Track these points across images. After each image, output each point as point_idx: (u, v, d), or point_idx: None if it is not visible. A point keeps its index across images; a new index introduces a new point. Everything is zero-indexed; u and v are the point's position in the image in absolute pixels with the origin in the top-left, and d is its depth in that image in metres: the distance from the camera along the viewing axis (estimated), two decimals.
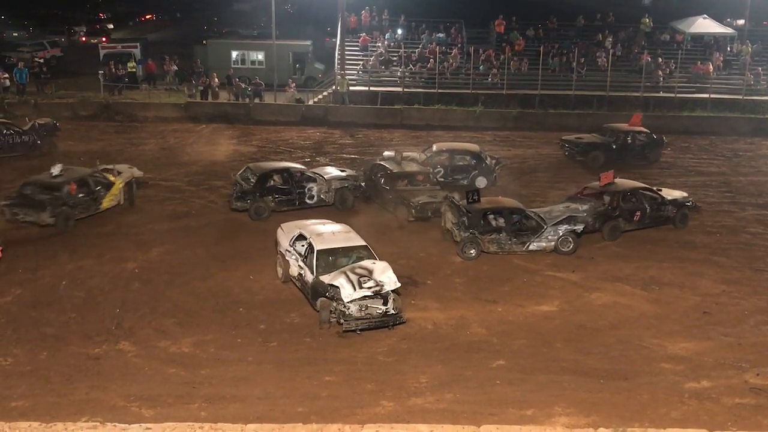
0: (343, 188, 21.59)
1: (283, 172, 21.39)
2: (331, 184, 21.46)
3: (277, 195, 20.91)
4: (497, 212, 19.07)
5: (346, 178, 21.98)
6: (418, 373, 13.12)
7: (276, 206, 20.81)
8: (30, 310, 15.14)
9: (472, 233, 18.53)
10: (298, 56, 41.58)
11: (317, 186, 21.30)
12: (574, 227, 19.08)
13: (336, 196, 21.50)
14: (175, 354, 13.62)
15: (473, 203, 18.93)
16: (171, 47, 45.96)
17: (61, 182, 19.40)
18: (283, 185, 21.10)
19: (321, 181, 21.41)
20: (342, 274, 14.55)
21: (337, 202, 21.48)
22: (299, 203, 21.12)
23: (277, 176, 21.22)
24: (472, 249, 18.53)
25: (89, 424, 10.79)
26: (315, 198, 21.27)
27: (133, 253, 18.15)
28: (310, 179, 21.37)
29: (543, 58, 36.90)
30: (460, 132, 30.56)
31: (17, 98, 34.35)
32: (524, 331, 14.95)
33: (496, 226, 18.88)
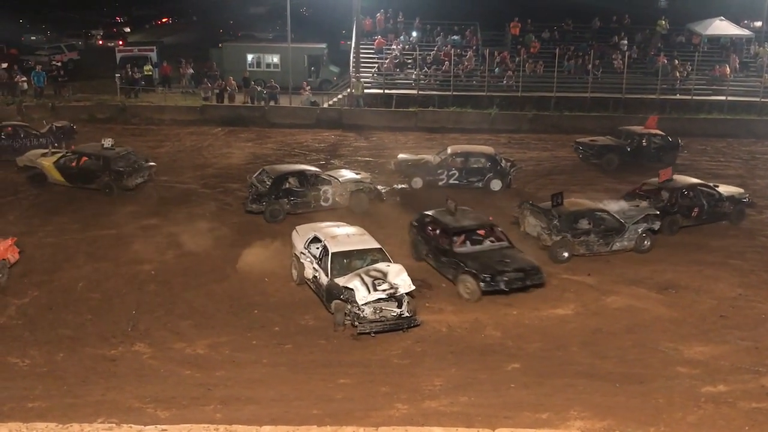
0: (357, 191, 21.54)
1: (298, 174, 21.40)
2: (345, 186, 21.44)
3: (292, 197, 20.93)
4: (586, 215, 19.17)
5: (361, 181, 21.92)
6: (432, 376, 13.10)
7: (291, 208, 20.85)
8: (47, 311, 15.27)
9: (564, 237, 18.62)
10: (313, 59, 41.68)
11: (332, 188, 21.28)
12: (652, 225, 19.39)
13: (351, 199, 21.45)
14: (191, 356, 13.69)
15: (557, 206, 19.02)
16: (187, 50, 46.22)
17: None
18: (298, 188, 21.12)
19: (336, 183, 21.39)
20: (357, 277, 14.56)
21: (352, 205, 21.40)
22: (314, 206, 21.13)
23: (292, 179, 21.23)
24: (565, 252, 18.67)
25: (105, 425, 10.85)
26: (330, 200, 21.26)
27: (149, 255, 18.25)
28: (324, 182, 21.37)
29: (558, 60, 36.75)
30: (475, 134, 30.50)
31: (35, 101, 34.67)
32: (539, 334, 14.90)
33: (585, 228, 18.97)
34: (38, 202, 21.97)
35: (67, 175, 22.63)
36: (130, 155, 23.37)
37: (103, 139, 23.42)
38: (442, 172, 23.98)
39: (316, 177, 21.44)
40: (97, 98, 35.66)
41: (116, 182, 22.26)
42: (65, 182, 22.69)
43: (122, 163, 22.66)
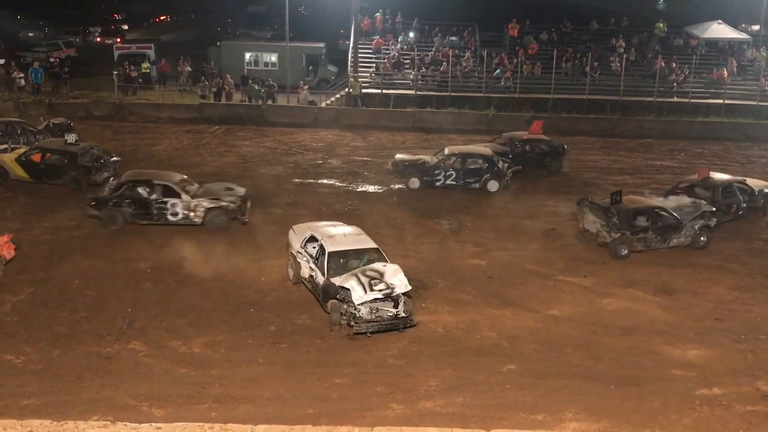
0: (213, 209, 19.59)
1: (145, 183, 19.82)
2: (199, 203, 19.61)
3: (135, 206, 19.62)
4: (644, 212, 19.33)
5: (218, 199, 19.81)
6: (428, 377, 13.10)
7: (131, 218, 19.67)
8: (42, 308, 15.22)
9: (623, 234, 18.79)
10: (312, 58, 41.72)
11: (181, 203, 19.56)
12: (708, 222, 19.69)
13: (205, 217, 19.62)
14: (186, 354, 13.66)
15: (617, 204, 19.14)
16: (185, 48, 46.13)
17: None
18: (143, 197, 19.65)
19: (185, 199, 19.59)
20: (353, 277, 14.55)
21: (206, 223, 19.63)
22: (158, 218, 19.66)
23: (141, 187, 19.77)
24: (625, 249, 18.90)
25: (100, 422, 10.84)
26: (179, 215, 19.60)
27: (144, 253, 18.22)
28: (174, 195, 19.61)
29: (556, 61, 36.86)
30: (472, 135, 30.53)
31: (32, 98, 34.62)
32: (535, 335, 14.90)
33: (644, 225, 19.14)
34: (35, 199, 21.91)
35: (32, 171, 22.48)
36: (94, 150, 23.36)
37: (67, 135, 23.47)
38: (439, 173, 23.97)
39: (166, 189, 19.67)
40: (94, 95, 35.64)
41: (84, 177, 22.21)
42: (29, 178, 22.52)
43: (88, 159, 22.69)
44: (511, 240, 20.17)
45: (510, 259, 18.88)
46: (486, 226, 21.14)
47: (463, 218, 21.70)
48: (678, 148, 31.57)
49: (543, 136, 27.52)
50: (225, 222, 19.72)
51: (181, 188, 19.80)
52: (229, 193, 20.23)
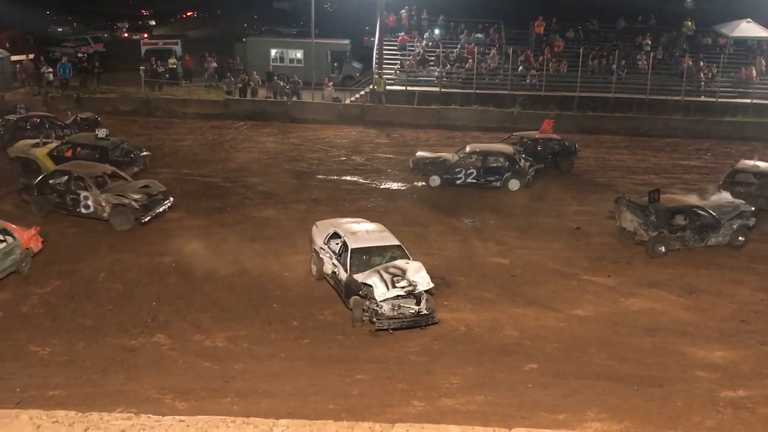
0: (118, 205, 19.23)
1: (65, 174, 19.94)
2: (107, 198, 19.31)
3: (56, 195, 19.76)
4: (682, 211, 19.34)
5: (122, 195, 19.38)
6: (449, 374, 13.10)
7: (53, 207, 19.81)
8: (69, 301, 15.42)
9: (661, 233, 18.80)
10: (337, 55, 41.76)
11: (92, 196, 19.35)
12: (747, 221, 19.66)
13: (111, 213, 19.30)
14: (209, 348, 13.77)
15: (654, 202, 19.14)
16: (211, 44, 46.40)
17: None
18: (61, 188, 19.74)
19: (94, 192, 19.36)
20: (375, 273, 14.58)
21: (111, 219, 19.32)
22: (72, 209, 19.59)
23: (61, 177, 19.92)
24: (662, 247, 18.88)
25: (124, 414, 10.94)
26: (91, 208, 19.40)
27: (169, 247, 18.37)
28: (84, 188, 19.45)
29: (582, 59, 36.61)
30: (497, 133, 30.42)
31: (60, 92, 35.01)
32: (558, 335, 14.84)
33: (682, 224, 19.14)
34: None
35: None
36: (125, 145, 23.58)
37: (98, 130, 23.69)
38: (459, 171, 23.91)
39: (81, 181, 19.55)
40: (121, 90, 35.94)
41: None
42: None
43: (118, 153, 22.90)
44: (534, 239, 20.10)
45: (533, 257, 18.81)
46: (509, 225, 21.08)
47: (485, 216, 21.65)
48: (705, 148, 31.23)
49: (554, 135, 27.37)
50: (128, 219, 19.23)
51: (95, 182, 19.59)
52: (141, 191, 19.78)
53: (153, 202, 19.74)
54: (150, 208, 19.56)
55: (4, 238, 16.01)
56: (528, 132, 27.78)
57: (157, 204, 19.87)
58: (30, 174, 21.43)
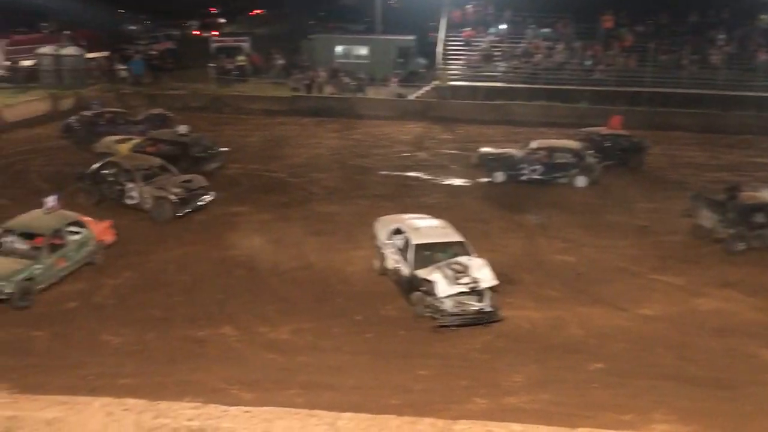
0: (160, 198, 19.79)
1: (115, 165, 20.75)
2: (149, 190, 19.94)
3: (105, 186, 20.60)
4: (762, 208, 18.93)
5: (164, 189, 19.88)
6: (512, 372, 13.00)
7: (103, 196, 20.61)
8: (139, 292, 15.84)
9: (740, 230, 18.49)
10: (402, 51, 41.78)
11: (136, 187, 20.06)
12: None
13: (153, 205, 19.90)
14: (274, 340, 13.96)
15: (733, 199, 18.86)
16: (278, 41, 46.98)
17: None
18: (111, 178, 20.53)
19: (139, 184, 20.05)
20: (438, 270, 14.55)
21: (152, 212, 19.87)
22: (119, 199, 20.31)
23: (111, 168, 20.71)
24: (740, 244, 18.52)
25: (191, 404, 11.21)
26: (135, 199, 20.07)
27: (237, 241, 18.69)
28: (130, 179, 20.20)
29: (652, 54, 35.75)
30: (563, 129, 29.98)
31: (133, 89, 35.99)
32: (624, 334, 14.56)
33: (761, 221, 18.72)
34: None
35: None
36: (204, 141, 24.05)
37: (178, 126, 24.18)
38: (525, 167, 23.64)
39: (127, 172, 20.32)
40: (191, 87, 36.73)
41: (195, 167, 22.71)
42: None
43: (198, 149, 23.35)
44: (601, 236, 19.76)
45: (600, 255, 18.50)
46: (575, 222, 20.77)
47: (551, 213, 21.37)
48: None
49: (623, 131, 26.76)
50: (166, 212, 19.70)
51: (141, 175, 20.19)
52: (182, 185, 20.17)
53: (192, 196, 20.21)
54: (188, 203, 20.02)
55: (78, 230, 16.55)
56: (596, 128, 27.26)
57: (196, 198, 20.32)
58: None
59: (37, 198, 18.38)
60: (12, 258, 15.20)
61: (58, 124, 28.92)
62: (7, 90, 34.81)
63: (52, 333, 13.94)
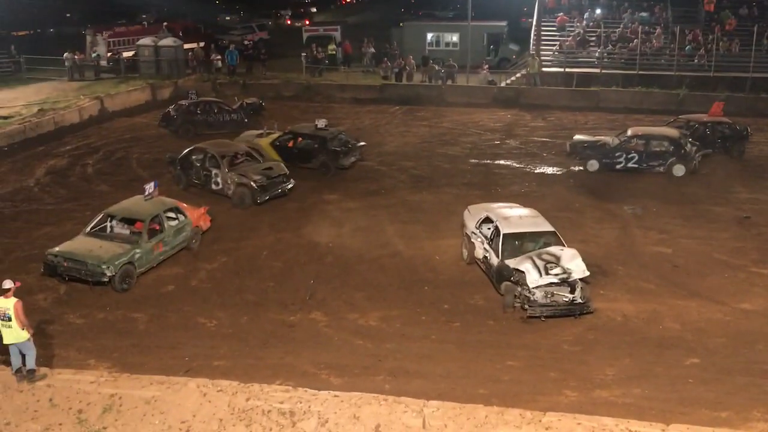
0: (241, 185, 20.12)
1: (200, 152, 21.28)
2: (232, 177, 20.26)
3: (193, 171, 21.15)
4: None
5: (245, 176, 20.23)
6: (604, 365, 12.74)
7: (189, 181, 21.29)
8: (233, 277, 16.28)
9: None
10: (493, 37, 41.35)
11: (221, 174, 20.47)
12: None
13: (234, 192, 20.26)
14: (363, 327, 14.12)
15: None
16: (369, 30, 47.19)
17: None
18: (198, 164, 21.07)
19: (223, 171, 20.44)
20: (528, 259, 14.38)
21: (233, 199, 20.28)
22: (205, 185, 20.90)
23: (195, 156, 21.25)
24: None
25: (282, 387, 11.54)
26: (220, 185, 20.53)
27: (327, 228, 18.95)
28: (217, 166, 20.62)
29: (757, 38, 34.12)
30: (661, 116, 29.02)
31: (227, 79, 36.89)
32: (722, 329, 14.04)
33: None
34: None
35: (285, 154, 23.12)
36: (342, 135, 23.93)
37: (317, 120, 24.09)
38: (620, 155, 23.04)
39: (213, 159, 20.78)
40: (284, 76, 37.36)
41: (333, 161, 22.91)
42: (282, 161, 23.15)
43: (337, 143, 23.34)
44: (699, 227, 19.09)
45: (698, 247, 17.87)
46: (672, 212, 20.11)
47: (647, 203, 20.76)
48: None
49: (724, 118, 25.69)
50: (247, 199, 20.08)
51: (227, 162, 20.64)
52: (263, 173, 20.53)
53: (272, 183, 20.53)
54: (268, 190, 20.37)
55: (176, 216, 17.13)
56: (695, 115, 26.28)
57: (276, 186, 20.64)
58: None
59: (137, 184, 19.18)
60: (114, 242, 15.85)
61: (156, 113, 29.96)
62: (109, 80, 36.22)
63: (150, 315, 14.51)
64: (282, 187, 20.82)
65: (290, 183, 21.08)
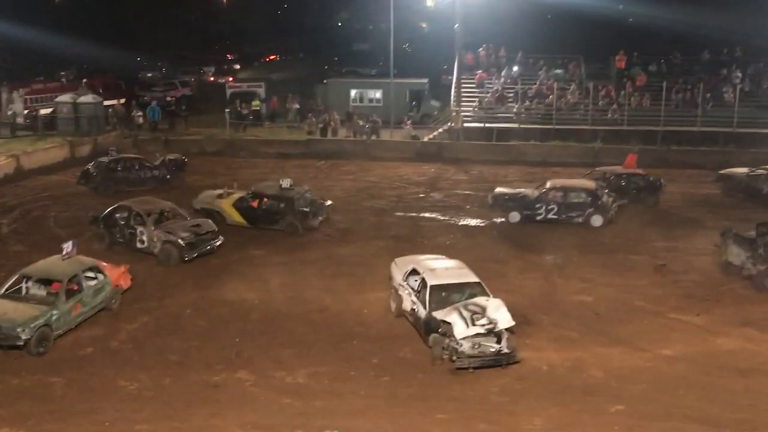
0: (169, 242, 19.76)
1: (124, 209, 20.79)
2: (158, 235, 19.88)
3: (117, 230, 20.65)
4: None
5: (172, 233, 19.87)
6: (532, 415, 12.83)
7: (115, 240, 20.72)
8: (155, 336, 15.84)
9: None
10: (415, 94, 42.16)
11: (146, 232, 20.02)
12: None
13: (161, 250, 19.88)
14: (291, 384, 13.89)
15: (763, 235, 18.66)
16: (294, 86, 47.54)
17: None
18: (122, 222, 20.63)
19: (149, 229, 19.98)
20: (455, 311, 14.47)
21: (159, 256, 19.90)
22: (130, 244, 20.36)
23: (123, 212, 20.78)
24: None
25: None
26: (145, 243, 20.05)
27: (253, 284, 18.71)
28: (141, 223, 20.19)
29: (666, 93, 35.82)
30: (578, 169, 29.97)
31: (150, 135, 36.44)
32: (645, 375, 14.36)
33: None
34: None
35: (249, 216, 22.67)
36: (307, 194, 23.23)
37: (281, 179, 23.28)
38: (540, 207, 23.60)
39: (138, 216, 20.33)
40: (207, 132, 37.15)
41: (302, 222, 22.36)
42: (245, 224, 22.71)
43: (303, 203, 22.64)
44: (618, 276, 19.62)
45: (618, 295, 18.34)
46: (592, 261, 20.65)
47: (567, 253, 21.26)
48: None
49: (638, 170, 26.80)
50: (174, 256, 19.70)
51: (152, 219, 20.19)
52: (190, 230, 20.19)
53: (200, 240, 20.17)
54: (196, 247, 19.99)
55: (95, 275, 16.64)
56: (611, 167, 27.26)
57: (205, 243, 20.28)
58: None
59: (54, 244, 18.59)
60: (29, 304, 15.28)
61: (75, 170, 29.27)
62: (26, 138, 35.28)
63: (68, 379, 13.95)
64: (211, 244, 20.45)
65: (219, 240, 20.72)
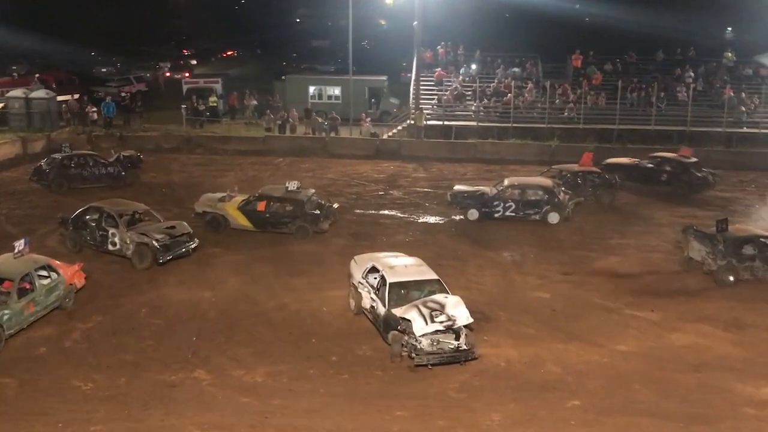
0: (141, 244, 19.27)
1: (96, 211, 20.23)
2: (131, 237, 19.40)
3: (87, 232, 20.19)
4: (751, 240, 19.12)
5: (146, 235, 19.39)
6: (490, 411, 12.91)
7: (85, 242, 20.25)
8: (110, 336, 15.57)
9: (729, 261, 18.68)
10: (374, 91, 42.15)
11: (119, 234, 19.57)
12: None
13: (134, 252, 19.39)
14: (249, 383, 13.77)
15: (723, 231, 19.02)
16: (251, 82, 47.18)
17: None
18: (93, 224, 20.14)
19: (121, 230, 19.53)
20: (414, 308, 14.49)
21: (133, 258, 19.41)
22: (101, 246, 19.91)
23: (93, 214, 20.27)
24: (731, 277, 18.74)
25: None
26: (117, 245, 19.59)
27: (210, 282, 18.52)
28: (113, 225, 19.71)
29: (621, 92, 36.37)
30: (535, 167, 30.28)
31: (104, 131, 35.83)
32: (601, 371, 14.55)
33: (751, 254, 18.91)
34: None
35: (255, 220, 22.15)
36: (314, 197, 22.81)
37: (288, 182, 22.85)
38: (498, 204, 23.78)
39: (110, 218, 19.82)
40: (163, 129, 36.63)
41: (312, 226, 21.91)
42: (251, 227, 22.19)
43: (311, 205, 22.22)
44: (575, 272, 19.85)
45: (574, 291, 18.56)
46: (549, 258, 20.86)
47: (525, 250, 21.46)
48: (748, 180, 30.64)
49: (594, 168, 27.18)
50: (147, 258, 19.20)
51: (125, 221, 19.76)
52: (164, 232, 19.73)
53: (175, 242, 19.77)
54: (170, 249, 19.55)
55: (48, 274, 16.31)
56: (567, 165, 27.58)
57: (179, 245, 19.87)
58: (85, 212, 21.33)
59: (6, 242, 18.15)
60: None
61: (28, 167, 28.66)
62: None
63: (20, 380, 13.64)
64: (186, 247, 20.02)
65: (194, 242, 20.28)
